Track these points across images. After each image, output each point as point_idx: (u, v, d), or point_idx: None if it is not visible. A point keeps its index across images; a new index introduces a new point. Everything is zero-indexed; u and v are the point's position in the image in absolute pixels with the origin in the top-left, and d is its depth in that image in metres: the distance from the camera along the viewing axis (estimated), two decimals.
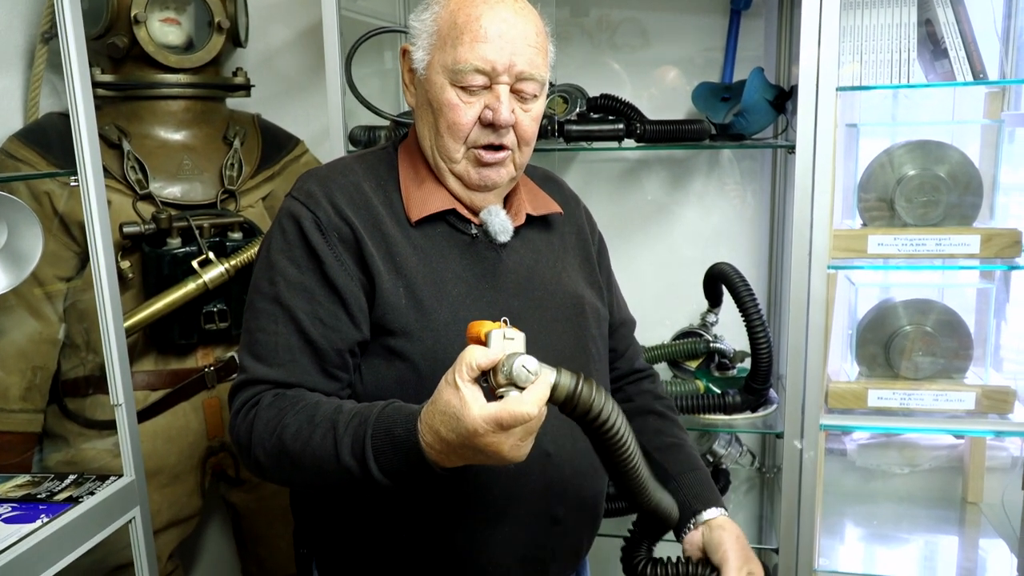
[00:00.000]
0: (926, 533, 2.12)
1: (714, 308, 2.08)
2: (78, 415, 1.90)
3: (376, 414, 1.07)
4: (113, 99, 1.92)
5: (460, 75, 1.17)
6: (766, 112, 1.92)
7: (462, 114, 1.19)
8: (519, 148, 1.24)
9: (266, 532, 2.16)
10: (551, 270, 1.32)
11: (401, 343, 1.19)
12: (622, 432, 1.04)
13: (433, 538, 1.23)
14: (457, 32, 1.17)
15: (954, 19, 1.73)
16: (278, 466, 1.15)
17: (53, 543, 1.35)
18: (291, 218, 1.22)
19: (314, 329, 1.18)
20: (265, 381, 1.18)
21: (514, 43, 1.17)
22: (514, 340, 1.01)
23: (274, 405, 1.15)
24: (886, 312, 1.96)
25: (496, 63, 1.16)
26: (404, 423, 1.03)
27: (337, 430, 1.08)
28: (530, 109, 1.23)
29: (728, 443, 2.12)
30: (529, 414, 0.95)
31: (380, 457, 1.05)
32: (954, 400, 1.84)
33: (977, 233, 1.77)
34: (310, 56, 2.30)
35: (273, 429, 1.12)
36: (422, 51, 1.23)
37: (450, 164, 1.24)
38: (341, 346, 1.19)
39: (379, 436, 1.05)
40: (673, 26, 2.18)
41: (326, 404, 1.13)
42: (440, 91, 1.20)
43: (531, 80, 1.20)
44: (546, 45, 1.24)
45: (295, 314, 1.18)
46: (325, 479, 1.12)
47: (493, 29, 1.16)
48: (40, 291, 1.84)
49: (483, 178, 1.23)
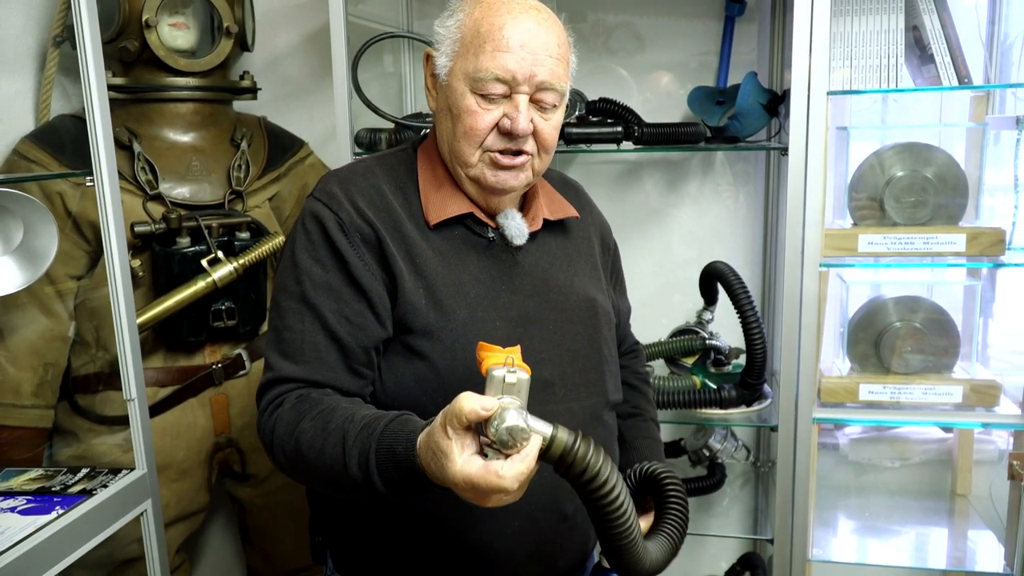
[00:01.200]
0: (916, 525, 2.17)
1: (710, 306, 2.12)
2: (88, 411, 1.92)
3: (381, 429, 1.07)
4: (123, 101, 1.95)
5: (480, 83, 1.19)
6: (760, 115, 1.97)
7: (479, 120, 1.20)
8: (539, 155, 1.25)
9: (271, 527, 2.20)
10: (565, 273, 1.35)
11: (421, 342, 1.22)
12: (618, 498, 1.00)
13: (444, 532, 1.25)
14: (480, 40, 1.19)
15: (940, 25, 1.78)
16: (295, 469, 1.18)
17: (68, 534, 1.38)
18: (314, 219, 1.24)
19: (340, 327, 1.20)
20: (292, 379, 1.20)
21: (536, 54, 1.18)
22: (515, 384, 0.94)
23: (295, 408, 1.17)
24: (876, 309, 2.01)
25: (517, 73, 1.18)
26: (405, 442, 1.04)
27: (347, 441, 1.09)
28: (550, 118, 1.24)
29: (724, 438, 2.16)
30: (506, 488, 0.93)
31: (383, 472, 1.06)
32: (942, 394, 1.89)
33: (963, 232, 1.82)
34: (315, 60, 2.35)
35: (292, 432, 1.14)
36: (445, 57, 1.24)
37: (466, 169, 1.25)
38: (367, 343, 1.21)
39: (382, 452, 1.06)
40: (669, 31, 2.23)
41: (341, 411, 1.14)
42: (460, 97, 1.21)
43: (551, 90, 1.21)
44: (568, 55, 1.25)
45: (321, 312, 1.20)
46: (337, 486, 1.14)
47: (516, 39, 1.17)
48: (51, 289, 1.87)
49: (499, 180, 1.24)
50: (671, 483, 1.22)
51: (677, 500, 1.21)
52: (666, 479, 1.23)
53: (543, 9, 1.23)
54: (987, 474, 2.19)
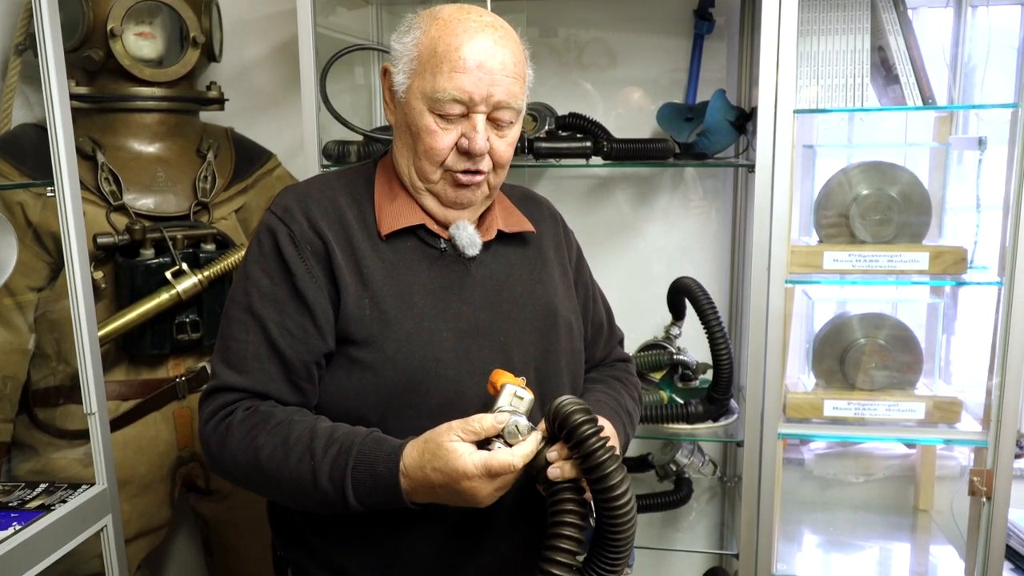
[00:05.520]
0: (879, 540, 2.19)
1: (677, 321, 2.13)
2: (48, 425, 1.89)
3: (358, 446, 1.12)
4: (87, 111, 1.93)
5: (438, 104, 1.20)
6: (728, 132, 1.99)
7: (439, 140, 1.22)
8: (494, 171, 1.27)
9: (235, 542, 2.17)
10: (523, 284, 1.35)
11: (363, 352, 1.22)
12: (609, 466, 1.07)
13: (409, 552, 1.26)
14: (437, 60, 1.19)
15: (905, 46, 1.81)
16: (250, 480, 1.19)
17: (25, 550, 1.36)
18: (268, 231, 1.26)
19: (282, 340, 1.21)
20: (234, 388, 1.21)
21: (492, 74, 1.19)
22: (523, 400, 1.13)
23: (246, 422, 1.18)
24: (842, 326, 2.03)
25: (474, 94, 1.19)
26: (386, 461, 1.10)
27: (315, 456, 1.12)
28: (505, 135, 1.25)
29: (691, 452, 2.17)
30: (514, 465, 1.08)
31: (358, 488, 1.11)
32: (905, 410, 1.91)
33: (926, 250, 1.85)
34: (283, 71, 2.33)
35: (247, 447, 1.16)
36: (402, 74, 1.25)
37: (428, 184, 1.27)
38: (307, 358, 1.22)
39: (360, 469, 1.11)
40: (639, 48, 2.24)
41: (299, 425, 1.16)
42: (419, 116, 1.22)
43: (508, 108, 1.22)
44: (524, 72, 1.26)
45: (265, 324, 1.22)
46: (298, 496, 1.17)
47: (472, 60, 1.18)
48: (11, 301, 1.84)
49: (459, 196, 1.27)
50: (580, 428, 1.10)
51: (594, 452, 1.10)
52: (575, 423, 1.10)
53: (500, 26, 1.23)
54: (949, 490, 2.22)
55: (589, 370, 1.49)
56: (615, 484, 1.06)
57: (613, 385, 1.45)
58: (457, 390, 1.23)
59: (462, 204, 1.28)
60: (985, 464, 1.84)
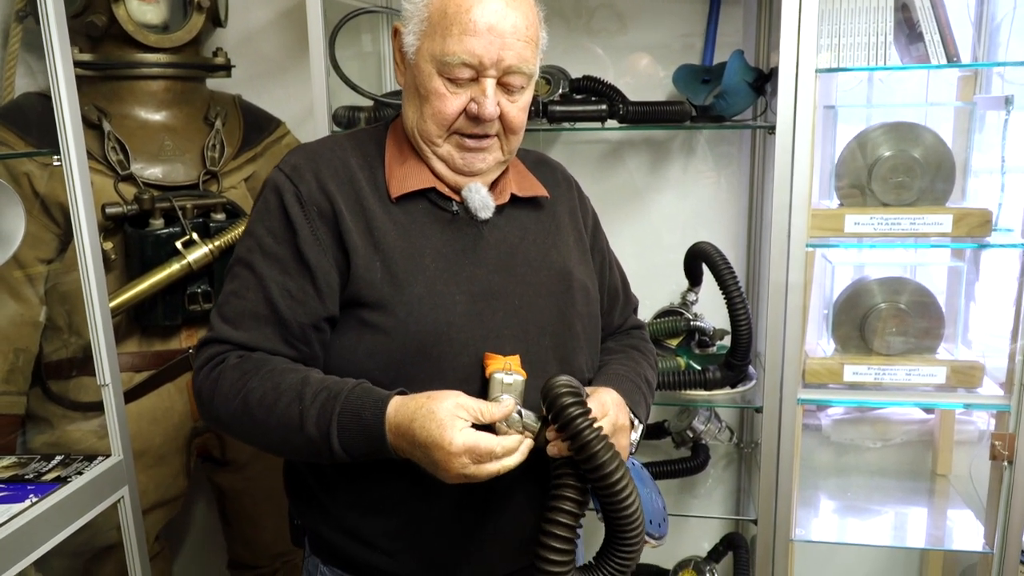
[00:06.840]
0: (897, 504, 2.18)
1: (694, 287, 2.10)
2: (62, 397, 1.89)
3: (346, 393, 1.12)
4: (92, 79, 1.89)
5: (447, 67, 1.18)
6: (746, 94, 1.95)
7: (448, 104, 1.20)
8: (506, 136, 1.25)
9: (252, 512, 2.17)
10: (538, 247, 1.33)
11: (374, 315, 1.21)
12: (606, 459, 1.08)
13: (425, 521, 1.25)
14: (447, 22, 1.17)
15: (929, 4, 1.76)
16: (239, 425, 1.19)
17: (42, 523, 1.36)
18: (274, 190, 1.24)
19: (281, 300, 1.20)
20: (229, 342, 1.21)
21: (503, 37, 1.16)
22: (512, 385, 1.14)
23: (238, 367, 1.18)
24: (861, 290, 2.00)
25: (484, 58, 1.16)
26: (372, 408, 1.10)
27: (304, 400, 1.13)
28: (517, 100, 1.23)
29: (708, 419, 2.16)
30: (495, 453, 1.08)
31: (343, 434, 1.11)
32: (925, 375, 1.90)
33: (949, 212, 1.82)
34: (291, 36, 2.29)
35: (238, 391, 1.16)
36: (412, 35, 1.22)
37: (433, 147, 1.25)
38: (304, 320, 1.21)
39: (346, 415, 1.11)
40: (652, 11, 2.18)
41: (291, 373, 1.17)
42: (427, 79, 1.20)
43: (518, 73, 1.20)
44: (537, 36, 1.24)
45: (265, 282, 1.21)
46: (283, 442, 1.17)
47: (483, 22, 1.15)
48: (20, 273, 1.82)
49: (467, 162, 1.25)
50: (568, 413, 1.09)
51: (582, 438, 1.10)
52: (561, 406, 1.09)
53: None
54: (967, 454, 2.21)
55: (605, 338, 1.47)
56: (603, 463, 1.07)
57: (632, 355, 1.44)
58: (470, 354, 1.21)
59: (472, 172, 1.26)
60: (1007, 428, 1.82)
